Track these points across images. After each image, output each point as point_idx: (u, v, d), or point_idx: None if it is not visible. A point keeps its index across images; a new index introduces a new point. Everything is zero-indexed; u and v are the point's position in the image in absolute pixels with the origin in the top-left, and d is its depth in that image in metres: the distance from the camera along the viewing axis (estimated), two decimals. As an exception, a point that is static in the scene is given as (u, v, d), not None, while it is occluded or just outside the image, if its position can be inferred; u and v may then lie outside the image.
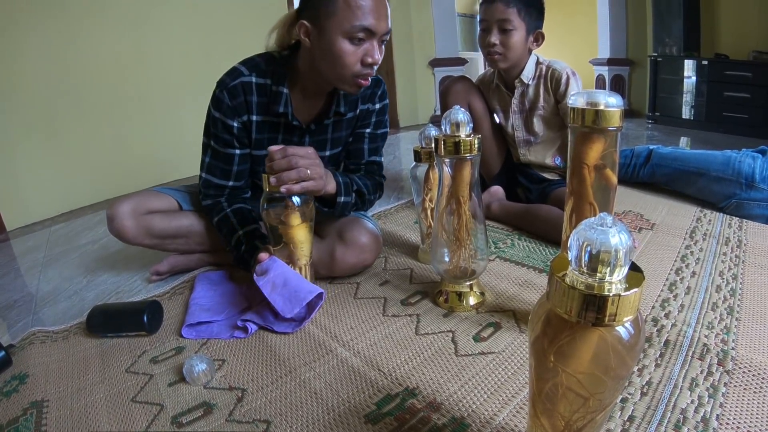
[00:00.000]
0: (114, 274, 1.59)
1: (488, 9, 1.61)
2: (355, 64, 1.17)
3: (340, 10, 1.12)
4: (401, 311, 1.20)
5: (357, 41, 1.15)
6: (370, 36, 1.15)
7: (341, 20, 1.12)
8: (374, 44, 1.17)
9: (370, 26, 1.13)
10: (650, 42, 4.22)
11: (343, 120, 1.39)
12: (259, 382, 0.96)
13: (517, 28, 1.59)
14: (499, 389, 0.89)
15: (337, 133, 1.40)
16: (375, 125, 1.44)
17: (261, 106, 1.29)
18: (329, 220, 1.40)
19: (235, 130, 1.29)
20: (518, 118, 1.77)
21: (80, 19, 2.45)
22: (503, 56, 1.64)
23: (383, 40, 1.20)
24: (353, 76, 1.19)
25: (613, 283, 0.46)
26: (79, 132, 2.53)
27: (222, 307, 1.25)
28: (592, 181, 0.87)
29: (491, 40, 1.62)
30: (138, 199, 1.37)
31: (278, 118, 1.31)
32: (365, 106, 1.41)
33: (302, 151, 1.12)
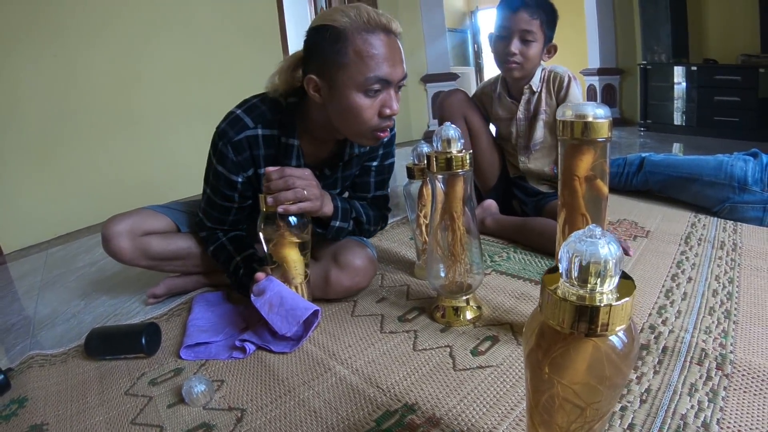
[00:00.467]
0: (111, 297, 1.59)
1: (511, 17, 1.57)
2: (373, 118, 1.11)
3: (352, 61, 1.05)
4: (399, 328, 1.19)
5: (373, 93, 1.08)
6: (386, 86, 1.09)
7: (353, 73, 1.05)
8: (391, 93, 1.11)
9: (386, 76, 1.07)
10: (639, 50, 4.26)
11: (354, 158, 1.34)
12: (258, 402, 0.96)
13: (537, 40, 1.59)
14: (498, 402, 0.89)
15: (347, 171, 1.37)
16: (382, 157, 1.41)
17: (270, 160, 1.23)
18: (324, 243, 1.38)
19: (239, 185, 1.24)
20: (523, 125, 1.76)
21: (75, 43, 2.47)
22: (521, 66, 1.62)
23: (400, 86, 1.13)
24: (372, 130, 1.13)
25: (605, 294, 0.47)
26: (74, 155, 2.54)
27: (220, 327, 1.24)
28: (584, 192, 0.88)
29: (512, 49, 1.59)
30: (135, 219, 1.34)
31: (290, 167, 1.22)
32: None
33: (299, 172, 1.10)
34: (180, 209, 1.48)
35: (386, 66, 1.06)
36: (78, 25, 2.48)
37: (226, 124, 1.19)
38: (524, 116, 1.74)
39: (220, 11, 3.06)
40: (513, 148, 1.83)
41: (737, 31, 3.68)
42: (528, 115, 1.74)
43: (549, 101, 1.69)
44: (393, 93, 1.11)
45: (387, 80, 1.08)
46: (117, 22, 2.64)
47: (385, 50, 1.06)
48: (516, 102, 1.74)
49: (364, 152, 1.36)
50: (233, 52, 3.03)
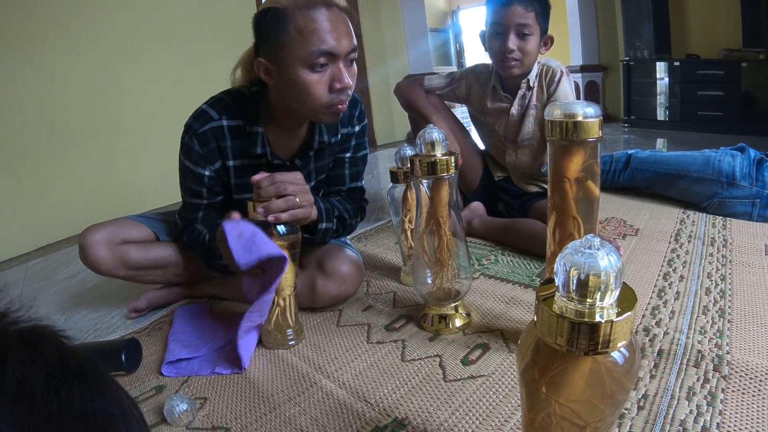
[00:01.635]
0: (92, 311, 1.54)
1: (505, 11, 1.52)
2: (324, 94, 1.08)
3: (294, 39, 1.03)
4: (386, 337, 1.16)
5: (320, 68, 1.05)
6: (333, 59, 1.06)
7: (297, 49, 1.03)
8: (340, 66, 1.07)
9: (330, 49, 1.04)
10: (621, 47, 4.27)
11: (326, 147, 1.31)
12: (242, 421, 0.92)
13: (534, 33, 1.53)
14: (491, 414, 0.86)
15: (320, 162, 1.34)
16: (355, 148, 1.38)
17: (237, 150, 1.21)
18: (309, 250, 1.35)
19: (205, 179, 1.22)
20: (514, 119, 1.71)
21: (52, 51, 2.41)
22: (520, 62, 1.57)
23: (351, 59, 1.10)
24: (326, 106, 1.10)
25: (605, 308, 0.44)
26: (53, 165, 2.48)
27: (202, 342, 1.20)
28: (574, 194, 0.85)
29: (509, 46, 1.53)
30: (112, 228, 1.30)
31: (258, 160, 1.23)
32: (345, 130, 1.33)
33: (290, 176, 1.06)
34: (159, 219, 1.45)
35: (330, 39, 1.03)
36: (55, 32, 2.42)
37: (192, 119, 1.19)
38: (517, 112, 1.69)
39: (199, 17, 3.02)
40: (500, 141, 1.79)
41: (719, 25, 3.69)
42: (521, 111, 1.69)
43: (540, 96, 1.65)
44: (342, 66, 1.07)
45: (332, 53, 1.05)
46: (95, 29, 2.59)
47: (328, 24, 1.03)
48: (510, 97, 1.69)
49: (336, 142, 1.32)
50: (213, 58, 2.97)
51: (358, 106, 1.35)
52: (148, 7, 2.80)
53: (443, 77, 1.86)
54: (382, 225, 2.06)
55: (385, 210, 2.31)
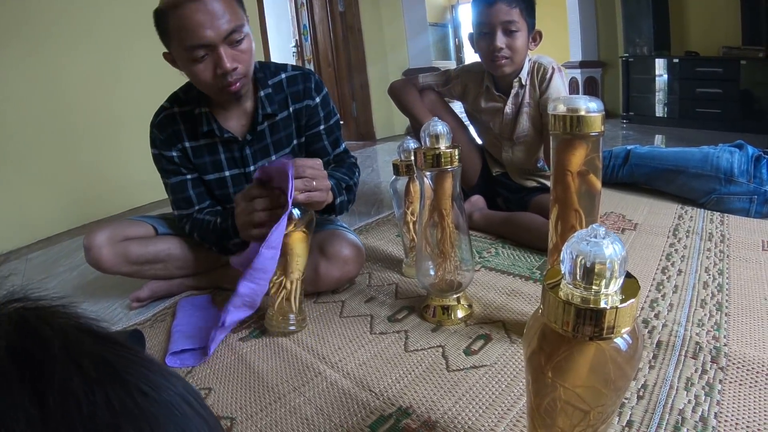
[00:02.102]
0: (93, 302, 1.55)
1: (489, 10, 1.51)
2: (211, 80, 1.14)
3: (173, 35, 1.10)
4: (389, 328, 1.17)
5: (201, 58, 1.11)
6: (210, 48, 1.10)
7: (177, 45, 1.11)
8: (219, 53, 1.11)
9: (202, 42, 1.08)
10: (621, 43, 4.27)
11: (277, 121, 1.35)
12: (247, 411, 0.93)
13: (521, 30, 1.52)
14: (494, 403, 0.88)
15: (276, 135, 1.36)
16: (325, 119, 1.41)
17: (189, 132, 1.30)
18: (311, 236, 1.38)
19: (175, 158, 1.31)
20: (509, 119, 1.71)
21: (52, 46, 2.40)
22: (511, 60, 1.56)
23: (234, 40, 1.13)
24: (218, 90, 1.17)
25: (609, 295, 0.45)
26: (53, 157, 2.48)
27: (206, 332, 1.21)
28: (577, 187, 0.86)
29: (497, 44, 1.52)
30: (114, 227, 1.35)
31: (212, 139, 1.31)
32: (301, 104, 1.36)
33: (310, 161, 1.09)
34: (157, 216, 1.50)
35: (200, 32, 1.07)
36: (58, 26, 2.41)
37: (153, 115, 1.34)
38: (511, 111, 1.69)
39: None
40: (496, 138, 1.80)
41: (718, 23, 3.69)
42: (515, 110, 1.69)
43: (533, 93, 1.65)
44: (222, 51, 1.11)
45: (206, 44, 1.09)
46: (97, 23, 2.58)
47: (196, 17, 1.06)
48: (504, 96, 1.70)
49: (291, 115, 1.36)
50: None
51: (311, 78, 1.37)
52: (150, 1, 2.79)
53: (438, 75, 1.86)
54: (383, 218, 2.07)
55: (385, 203, 2.32)
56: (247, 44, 1.16)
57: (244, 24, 1.14)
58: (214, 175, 1.35)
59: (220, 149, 1.33)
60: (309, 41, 4.87)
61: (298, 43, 5.05)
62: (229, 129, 1.31)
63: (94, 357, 0.21)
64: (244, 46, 1.15)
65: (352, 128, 4.67)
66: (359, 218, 2.12)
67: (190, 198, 1.35)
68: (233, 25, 1.10)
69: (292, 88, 1.35)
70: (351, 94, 4.55)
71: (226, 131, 1.29)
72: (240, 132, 1.33)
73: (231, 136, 1.30)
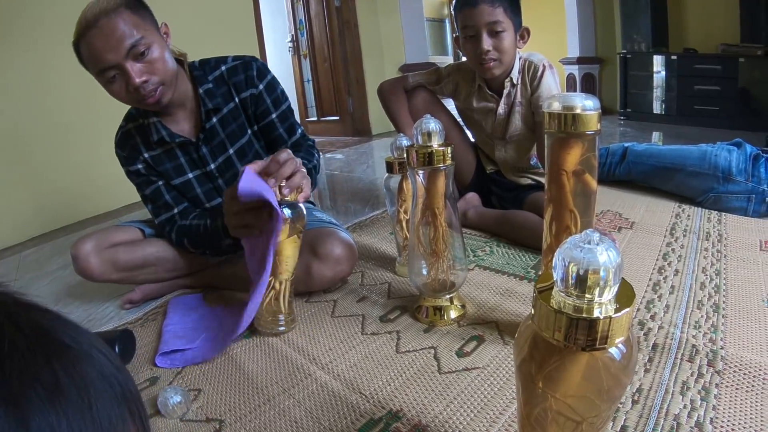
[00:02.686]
0: (85, 301, 1.53)
1: (472, 13, 1.49)
2: (127, 96, 1.17)
3: (87, 64, 1.14)
4: (380, 329, 1.16)
5: (112, 78, 1.14)
6: (117, 68, 1.12)
7: (92, 71, 1.15)
8: (126, 69, 1.11)
9: (106, 65, 1.11)
10: (619, 39, 4.26)
11: (225, 114, 1.35)
12: (237, 413, 0.92)
13: (507, 29, 1.50)
14: (486, 406, 0.86)
15: (228, 129, 1.36)
16: (275, 105, 1.38)
17: (145, 143, 1.34)
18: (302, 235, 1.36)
19: (142, 170, 1.35)
20: (501, 118, 1.69)
21: (46, 42, 2.38)
22: (499, 62, 1.54)
23: (138, 53, 1.13)
24: (138, 103, 1.20)
25: (603, 304, 0.43)
26: (47, 154, 2.46)
27: (197, 333, 1.19)
28: (572, 187, 0.85)
29: (484, 47, 1.50)
30: (100, 234, 1.35)
31: (167, 146, 1.34)
32: (246, 93, 1.35)
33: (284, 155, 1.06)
34: (144, 220, 1.49)
35: (102, 56, 1.10)
36: (51, 21, 2.38)
37: (115, 136, 1.40)
38: (504, 110, 1.68)
39: (194, 7, 2.98)
40: (488, 137, 1.78)
41: (717, 20, 3.68)
42: (507, 109, 1.68)
43: (524, 92, 1.63)
44: (129, 68, 1.12)
45: (110, 67, 1.11)
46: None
47: (97, 42, 1.08)
48: (496, 96, 1.68)
49: (234, 106, 1.36)
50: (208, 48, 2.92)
51: (251, 66, 1.36)
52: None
53: (429, 74, 1.83)
54: (377, 215, 2.05)
55: (379, 200, 2.31)
56: (156, 53, 1.16)
57: (145, 36, 1.13)
58: (179, 179, 1.37)
59: (178, 153, 1.35)
60: (305, 36, 4.85)
61: (294, 38, 5.03)
62: (180, 133, 1.33)
63: (31, 323, 0.28)
64: (153, 56, 1.15)
65: (348, 124, 4.65)
66: (354, 215, 2.10)
67: (167, 202, 1.36)
68: (133, 40, 1.11)
69: (233, 79, 1.34)
70: (347, 89, 4.54)
71: (177, 136, 1.31)
72: (192, 133, 1.35)
73: (183, 140, 1.32)
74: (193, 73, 1.32)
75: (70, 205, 2.58)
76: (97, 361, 0.29)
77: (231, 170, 1.38)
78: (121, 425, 0.28)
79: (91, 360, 0.29)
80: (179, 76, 1.26)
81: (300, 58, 5.09)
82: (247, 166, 1.03)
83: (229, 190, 1.11)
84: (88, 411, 0.26)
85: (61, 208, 2.55)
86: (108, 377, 0.29)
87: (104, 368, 0.29)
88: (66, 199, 2.56)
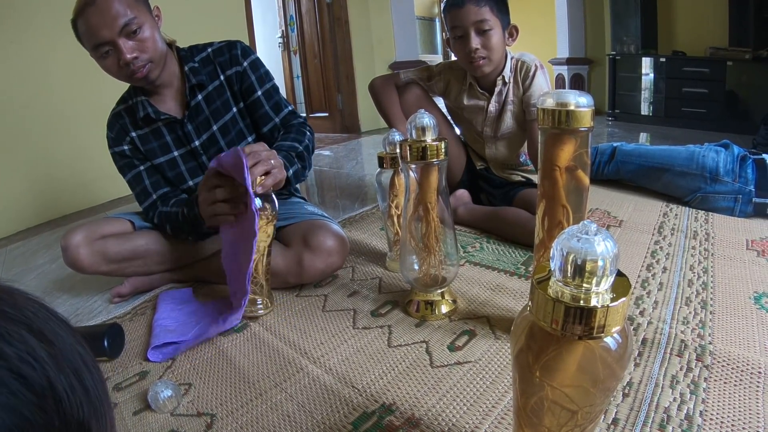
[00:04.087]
0: (73, 296, 1.52)
1: (459, 13, 1.51)
2: (118, 71, 1.22)
3: (83, 40, 1.20)
4: (372, 323, 1.16)
5: (106, 54, 1.19)
6: (111, 44, 1.17)
7: (88, 48, 1.20)
8: (118, 46, 1.17)
9: (100, 41, 1.16)
10: (608, 40, 4.28)
11: (210, 92, 1.39)
12: (228, 407, 0.92)
13: (494, 27, 1.52)
14: (478, 400, 0.87)
15: (212, 106, 1.39)
16: (260, 83, 1.41)
17: (133, 123, 1.38)
18: (294, 227, 1.38)
19: (126, 152, 1.38)
20: (492, 116, 1.71)
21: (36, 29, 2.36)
22: (488, 60, 1.56)
23: (131, 31, 1.19)
24: (128, 78, 1.24)
25: (600, 294, 0.44)
26: (35, 147, 2.43)
27: (188, 327, 1.19)
28: (565, 183, 0.85)
29: (472, 46, 1.52)
30: (90, 226, 1.35)
31: (154, 124, 1.37)
32: (231, 71, 1.39)
33: (257, 146, 1.12)
34: (135, 212, 1.49)
35: (98, 32, 1.15)
36: (39, 10, 2.36)
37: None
38: (495, 108, 1.69)
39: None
40: (478, 134, 1.80)
41: (706, 23, 3.71)
42: (498, 108, 1.69)
43: (516, 91, 1.65)
44: (122, 44, 1.17)
45: (106, 42, 1.17)
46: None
47: (93, 19, 1.15)
48: (487, 94, 1.69)
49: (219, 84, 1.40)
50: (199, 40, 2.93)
51: (236, 46, 1.41)
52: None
53: (420, 71, 1.85)
54: (367, 211, 2.05)
55: (369, 196, 2.31)
56: (147, 33, 1.22)
57: (138, 16, 1.19)
58: (164, 157, 1.39)
59: (164, 132, 1.39)
60: (295, 32, 4.83)
61: (284, 33, 5.01)
62: (167, 111, 1.36)
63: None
64: (144, 35, 1.21)
65: (337, 120, 4.65)
66: (342, 211, 2.10)
67: (146, 188, 1.39)
68: (126, 19, 1.17)
69: (219, 59, 1.39)
70: (337, 86, 4.53)
71: (163, 114, 1.35)
72: (178, 111, 1.39)
73: (169, 117, 1.36)
74: (180, 54, 1.38)
75: (57, 199, 2.55)
76: (50, 322, 0.32)
77: (214, 147, 1.41)
78: None
79: (49, 321, 0.32)
80: (168, 57, 1.31)
81: (290, 54, 5.07)
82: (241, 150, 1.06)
83: (202, 183, 1.17)
84: None
85: (47, 202, 2.52)
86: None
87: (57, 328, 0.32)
88: (52, 193, 2.54)
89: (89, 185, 2.66)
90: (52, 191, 2.53)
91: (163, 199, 1.37)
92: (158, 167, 1.40)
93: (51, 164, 2.51)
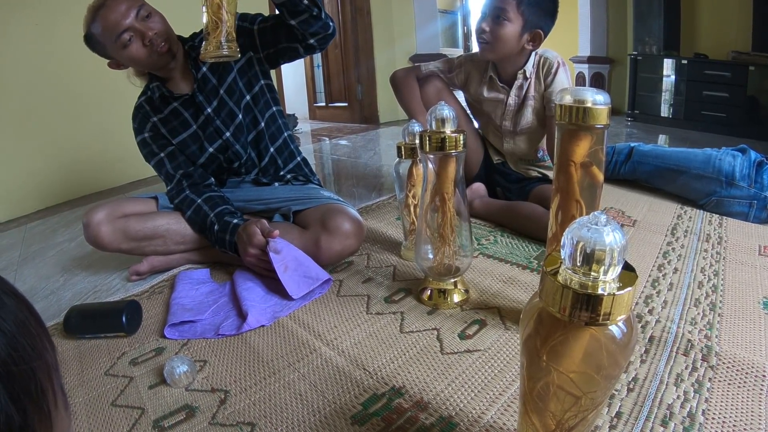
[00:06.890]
0: (91, 273, 1.56)
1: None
2: (145, 54, 1.32)
3: (104, 40, 1.30)
4: (385, 309, 1.18)
5: (129, 41, 1.29)
6: (131, 30, 1.28)
7: (110, 43, 1.30)
8: (138, 28, 1.28)
9: (122, 28, 1.27)
10: (630, 41, 4.25)
11: (221, 73, 1.48)
12: (242, 384, 0.94)
13: (511, 21, 1.53)
14: (486, 387, 0.89)
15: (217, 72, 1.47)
16: (251, 22, 1.46)
17: (154, 108, 1.48)
18: (312, 210, 1.43)
19: (148, 139, 1.48)
20: (511, 110, 1.73)
21: (56, 11, 2.39)
22: (490, 46, 1.59)
23: (144, 17, 1.30)
24: (156, 56, 1.33)
25: (607, 282, 0.46)
26: (55, 127, 2.48)
27: (205, 306, 1.22)
28: (579, 178, 0.87)
29: (482, 26, 1.58)
30: (113, 204, 1.40)
31: (171, 105, 1.47)
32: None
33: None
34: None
35: (118, 23, 1.27)
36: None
37: None
38: (514, 102, 1.71)
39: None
40: (497, 128, 1.81)
41: (729, 27, 3.67)
42: (518, 101, 1.71)
43: (538, 87, 1.67)
44: (139, 26, 1.29)
45: (126, 29, 1.27)
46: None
47: (110, 16, 1.26)
48: (507, 87, 1.71)
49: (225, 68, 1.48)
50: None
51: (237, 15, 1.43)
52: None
53: (441, 63, 1.87)
54: (384, 200, 2.08)
55: (386, 186, 2.33)
56: (157, 17, 1.34)
57: (144, 5, 1.31)
58: (186, 132, 1.48)
59: (181, 110, 1.47)
60: (317, 22, 4.83)
61: (306, 23, 5.01)
62: (182, 92, 1.47)
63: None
64: (156, 18, 1.33)
65: (356, 110, 4.66)
66: (359, 200, 2.13)
67: (168, 171, 1.48)
68: (137, 7, 1.29)
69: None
70: (357, 77, 4.54)
71: (177, 94, 1.45)
72: (189, 89, 1.48)
73: (182, 95, 1.45)
74: (180, 38, 1.45)
75: (78, 179, 2.60)
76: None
77: (224, 109, 1.48)
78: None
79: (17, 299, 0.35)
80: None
81: (311, 45, 5.08)
82: (270, 253, 1.23)
83: (259, 224, 1.29)
84: None
85: (68, 181, 2.57)
86: None
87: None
88: (74, 172, 2.58)
89: (109, 166, 2.70)
90: (73, 171, 2.58)
91: (188, 177, 1.47)
92: (181, 144, 1.48)
93: (72, 145, 2.56)
